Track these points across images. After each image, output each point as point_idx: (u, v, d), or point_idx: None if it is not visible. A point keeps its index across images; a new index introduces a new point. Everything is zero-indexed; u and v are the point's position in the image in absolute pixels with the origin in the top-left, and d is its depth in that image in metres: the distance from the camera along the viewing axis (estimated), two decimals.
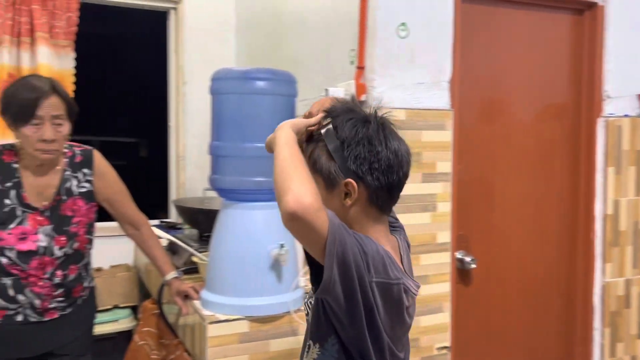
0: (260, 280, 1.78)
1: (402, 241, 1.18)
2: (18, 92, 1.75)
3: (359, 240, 0.98)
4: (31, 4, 2.84)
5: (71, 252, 1.85)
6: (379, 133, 1.06)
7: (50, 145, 1.76)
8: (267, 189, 1.79)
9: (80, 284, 1.92)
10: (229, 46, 3.39)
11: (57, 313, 1.86)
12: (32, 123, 1.73)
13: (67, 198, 1.86)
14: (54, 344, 1.88)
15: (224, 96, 1.79)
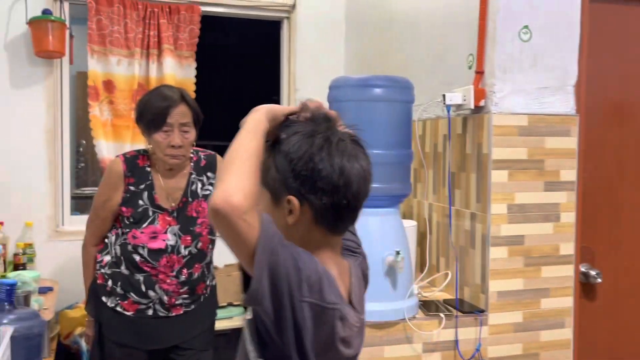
0: (375, 286, 1.76)
1: (357, 268, 1.08)
2: (151, 101, 1.89)
3: (296, 255, 0.90)
4: (159, 19, 3.05)
5: (195, 252, 1.96)
6: (322, 150, 0.95)
7: (178, 151, 1.88)
8: (383, 195, 1.80)
9: (203, 282, 2.02)
10: (339, 53, 3.43)
11: (182, 309, 1.97)
12: (163, 130, 1.86)
13: (193, 200, 1.97)
14: (179, 338, 2.00)
15: (342, 104, 1.82)
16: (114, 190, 1.92)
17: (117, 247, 1.94)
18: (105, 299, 1.94)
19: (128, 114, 3.05)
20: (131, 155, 1.98)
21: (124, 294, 1.92)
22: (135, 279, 1.91)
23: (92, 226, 2.01)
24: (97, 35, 3.00)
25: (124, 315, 1.92)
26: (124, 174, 1.92)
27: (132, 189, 1.92)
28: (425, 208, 2.25)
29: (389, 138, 1.79)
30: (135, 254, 1.90)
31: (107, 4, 2.99)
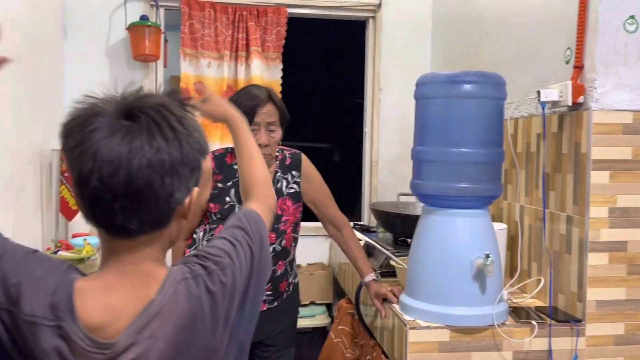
0: (462, 290, 1.72)
1: (183, 293, 0.85)
2: (240, 100, 1.93)
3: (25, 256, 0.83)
4: (247, 22, 3.13)
5: (279, 249, 1.99)
6: (74, 129, 0.82)
7: (264, 150, 1.91)
8: (471, 196, 1.74)
9: (286, 280, 2.04)
10: (425, 51, 3.37)
11: (265, 306, 2.00)
12: (250, 129, 1.89)
13: (278, 198, 1.99)
14: (263, 334, 2.03)
15: (430, 100, 1.77)
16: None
17: (205, 242, 1.99)
18: None
19: None
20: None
21: None
22: None
23: None
24: (190, 39, 3.12)
25: None
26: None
27: (219, 185, 1.97)
28: (516, 210, 2.15)
29: (479, 136, 1.72)
30: None
31: (199, 8, 3.10)
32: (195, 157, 0.87)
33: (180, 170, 0.84)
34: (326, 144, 5.08)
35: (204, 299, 0.86)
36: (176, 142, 0.83)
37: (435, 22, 3.34)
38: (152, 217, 0.84)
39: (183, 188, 0.86)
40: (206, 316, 0.86)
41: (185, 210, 0.89)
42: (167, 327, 0.83)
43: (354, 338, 2.57)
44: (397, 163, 3.36)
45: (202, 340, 0.86)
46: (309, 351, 3.00)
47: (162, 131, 0.81)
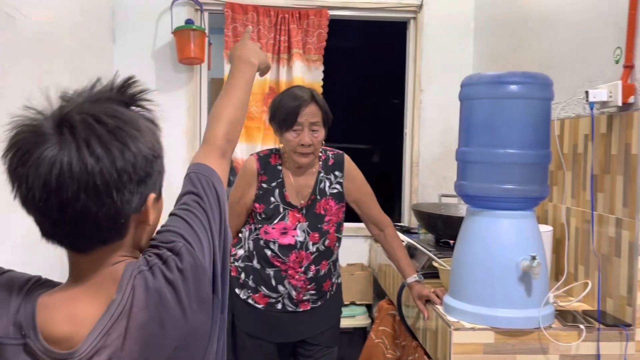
0: (508, 292, 1.71)
1: (139, 305, 0.82)
2: (283, 101, 1.96)
3: None
4: (289, 24, 3.17)
5: (323, 249, 2.01)
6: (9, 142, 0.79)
7: (307, 149, 1.93)
8: (517, 197, 1.73)
9: (329, 279, 2.06)
10: (468, 52, 3.35)
11: (309, 305, 2.03)
12: (293, 129, 1.92)
13: (321, 198, 2.02)
14: (306, 334, 2.06)
15: (475, 101, 1.77)
16: (248, 187, 2.02)
17: (250, 241, 2.03)
18: (238, 291, 2.04)
19: (259, 116, 3.20)
20: (264, 154, 2.07)
21: (256, 287, 2.00)
22: (266, 273, 1.99)
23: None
24: (233, 41, 3.18)
25: (255, 307, 2.01)
26: (258, 172, 2.01)
27: (264, 186, 2.00)
28: (562, 212, 2.12)
29: (525, 137, 1.71)
30: (266, 248, 1.98)
31: (242, 11, 3.16)
32: (141, 163, 0.81)
33: (120, 184, 0.78)
34: (366, 145, 5.08)
35: (164, 289, 0.83)
36: (109, 156, 0.77)
37: (478, 22, 3.31)
38: (98, 237, 0.81)
39: (132, 200, 0.81)
40: (171, 305, 0.83)
41: (142, 217, 0.86)
42: (132, 324, 0.81)
43: (395, 339, 2.57)
44: (438, 164, 3.34)
45: (175, 329, 0.83)
46: (349, 351, 3.02)
47: (90, 148, 0.76)
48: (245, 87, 1.16)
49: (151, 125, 0.86)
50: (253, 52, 1.22)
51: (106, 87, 0.85)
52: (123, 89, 0.85)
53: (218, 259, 0.92)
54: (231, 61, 1.23)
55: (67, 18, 2.30)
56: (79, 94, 0.82)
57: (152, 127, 0.86)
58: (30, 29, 1.82)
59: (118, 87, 0.85)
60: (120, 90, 0.85)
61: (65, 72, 2.25)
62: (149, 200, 0.85)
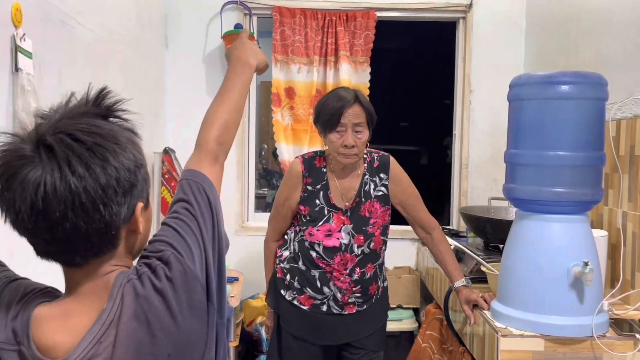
0: (558, 298, 1.66)
1: (129, 310, 0.83)
2: (328, 102, 1.96)
3: None
4: (336, 26, 3.18)
5: (368, 251, 2.00)
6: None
7: (350, 151, 1.93)
8: (568, 201, 1.67)
9: (375, 283, 2.05)
10: (518, 52, 3.27)
11: (355, 308, 2.02)
12: (337, 130, 1.92)
13: (366, 200, 2.00)
14: (351, 337, 2.05)
15: (524, 102, 1.72)
16: (293, 189, 2.04)
17: (296, 243, 2.04)
18: (283, 292, 2.05)
19: (307, 118, 3.22)
20: (309, 156, 2.07)
21: (301, 288, 2.01)
22: (311, 274, 2.00)
23: (273, 223, 2.14)
24: (281, 45, 3.22)
25: (300, 309, 2.02)
26: (302, 174, 2.02)
27: (309, 188, 2.01)
28: (618, 217, 2.04)
29: (577, 139, 1.65)
30: (311, 250, 1.99)
31: (290, 15, 3.19)
32: (125, 175, 0.82)
33: (106, 199, 0.80)
34: (414, 146, 5.04)
35: (152, 298, 0.84)
36: (92, 174, 0.78)
37: (530, 21, 3.22)
38: (91, 250, 0.83)
39: (120, 211, 0.82)
40: (160, 313, 0.83)
41: (133, 226, 0.87)
42: (121, 333, 0.81)
43: (442, 344, 2.54)
44: (488, 166, 3.28)
45: (166, 337, 0.84)
46: (396, 354, 3.00)
47: (72, 167, 0.77)
48: (242, 89, 1.13)
49: (131, 135, 0.86)
50: (251, 52, 1.18)
51: (81, 101, 0.85)
52: (98, 101, 0.85)
53: (212, 266, 0.91)
54: (228, 61, 1.19)
55: (122, 26, 2.38)
56: (55, 111, 0.83)
57: (131, 136, 0.86)
58: (85, 37, 1.89)
59: (93, 100, 0.85)
60: (96, 102, 0.85)
61: (119, 78, 2.34)
62: (137, 209, 0.86)
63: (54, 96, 1.60)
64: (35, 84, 1.37)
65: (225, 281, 0.95)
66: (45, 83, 1.51)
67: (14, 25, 1.31)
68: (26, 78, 1.31)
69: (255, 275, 3.25)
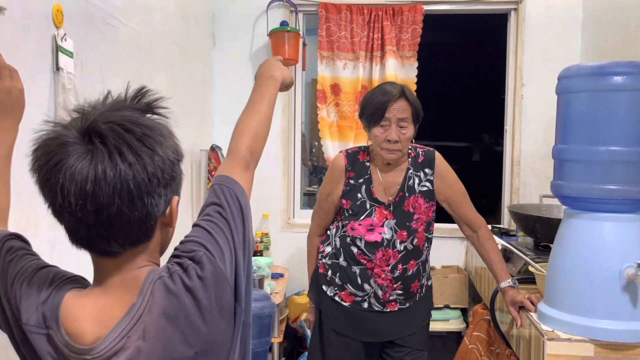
0: (609, 301, 1.57)
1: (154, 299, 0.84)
2: (373, 96, 1.94)
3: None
4: (383, 21, 3.14)
5: (411, 248, 1.96)
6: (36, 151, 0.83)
7: (394, 146, 1.90)
8: (620, 199, 1.58)
9: (418, 280, 2.01)
10: (575, 43, 3.13)
11: (396, 306, 1.99)
12: (381, 124, 1.89)
13: (409, 195, 1.97)
14: (393, 335, 2.02)
15: (574, 95, 1.64)
16: (336, 183, 2.03)
17: (337, 239, 2.03)
18: (325, 288, 2.05)
19: (352, 115, 3.20)
20: (353, 151, 2.06)
21: (342, 284, 2.00)
22: (352, 271, 1.98)
23: (316, 217, 2.14)
24: (326, 41, 3.21)
25: (342, 305, 2.01)
26: (345, 168, 2.01)
27: (352, 182, 2.00)
28: None
29: (631, 133, 1.55)
30: (353, 245, 1.97)
31: (336, 11, 3.17)
32: (168, 168, 0.85)
33: (151, 188, 0.82)
34: (465, 143, 4.92)
35: (183, 296, 0.85)
36: (140, 162, 0.81)
37: (587, 11, 3.07)
38: (130, 238, 0.85)
39: (160, 202, 0.85)
40: (190, 311, 0.85)
41: (167, 219, 0.89)
42: (150, 328, 0.83)
43: (489, 345, 2.46)
44: (541, 163, 3.15)
45: (194, 335, 0.85)
46: (442, 355, 2.93)
47: (122, 156, 0.80)
48: (270, 101, 1.16)
49: (170, 130, 0.89)
50: (276, 67, 1.23)
51: (119, 98, 0.87)
52: (137, 98, 0.88)
53: (241, 268, 0.92)
54: (256, 79, 1.24)
55: (167, 25, 2.43)
56: (94, 107, 0.85)
57: (170, 131, 0.89)
58: (130, 37, 1.94)
59: (132, 97, 0.88)
60: (135, 99, 0.88)
61: (163, 77, 2.38)
62: (174, 202, 0.88)
63: (95, 95, 1.65)
64: (76, 83, 1.42)
65: (251, 284, 0.97)
66: (87, 82, 1.56)
67: (55, 26, 1.35)
68: (67, 77, 1.35)
69: (301, 272, 3.25)
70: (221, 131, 3.30)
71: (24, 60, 1.25)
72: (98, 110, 0.83)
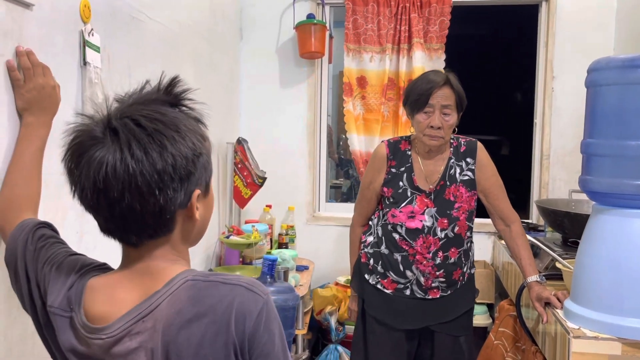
0: (638, 300, 1.54)
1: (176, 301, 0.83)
2: (417, 84, 1.97)
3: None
4: (410, 13, 3.10)
5: (452, 236, 1.98)
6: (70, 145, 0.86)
7: (437, 132, 1.92)
8: None
9: (460, 268, 2.03)
10: (608, 34, 3.04)
11: (438, 293, 2.01)
12: (424, 111, 1.91)
13: (450, 184, 1.99)
14: (433, 321, 2.04)
15: (603, 88, 1.60)
16: (377, 172, 2.06)
17: (379, 227, 2.06)
18: (367, 276, 2.08)
19: (378, 108, 3.18)
20: (394, 140, 2.11)
21: (384, 272, 2.03)
22: (394, 258, 2.01)
23: (358, 207, 2.18)
24: (353, 34, 3.19)
25: (384, 292, 2.04)
26: (387, 157, 2.04)
27: (393, 171, 2.03)
28: None
29: None
30: (394, 232, 2.00)
31: (363, 3, 3.15)
32: (182, 163, 0.84)
33: (162, 184, 0.82)
34: (494, 136, 4.84)
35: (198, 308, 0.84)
36: (149, 158, 0.81)
37: (622, 1, 2.99)
38: (146, 231, 0.86)
39: (175, 197, 0.85)
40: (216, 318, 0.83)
41: (189, 212, 0.89)
42: (165, 319, 0.83)
43: (516, 342, 2.43)
44: (571, 157, 3.09)
45: (211, 343, 0.82)
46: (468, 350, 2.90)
47: (131, 151, 0.81)
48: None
49: (193, 124, 0.89)
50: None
51: (154, 88, 0.89)
52: (169, 88, 0.88)
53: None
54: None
55: (194, 19, 2.45)
56: (130, 96, 0.87)
57: (194, 125, 0.89)
58: (157, 31, 1.96)
59: (164, 87, 0.88)
60: (167, 90, 0.88)
61: (190, 71, 2.41)
62: (194, 196, 0.88)
63: (122, 88, 1.68)
64: (102, 77, 1.44)
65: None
66: (114, 76, 1.59)
67: (83, 21, 1.38)
68: (94, 71, 1.38)
69: (325, 265, 3.27)
70: (248, 124, 3.32)
71: (52, 56, 1.27)
72: (127, 102, 0.85)
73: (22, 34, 1.17)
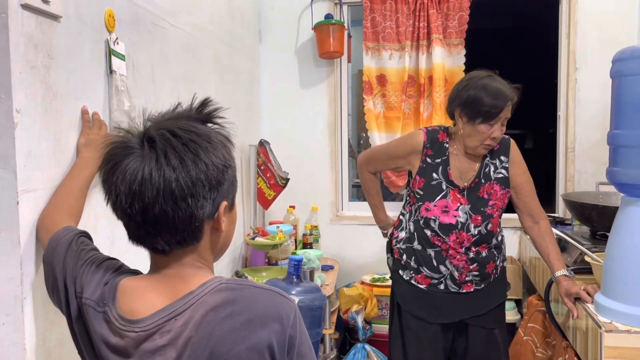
0: None
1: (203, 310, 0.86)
2: (487, 94, 1.88)
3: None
4: (428, 9, 3.09)
5: (485, 232, 1.99)
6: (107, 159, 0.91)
7: (494, 142, 1.94)
8: None
9: (493, 262, 2.03)
10: (632, 24, 2.99)
11: (472, 287, 2.02)
12: (490, 123, 1.90)
13: (485, 182, 1.99)
14: (468, 314, 2.05)
15: (629, 78, 1.58)
16: (410, 153, 2.05)
17: (411, 223, 2.07)
18: (401, 272, 2.09)
19: (399, 105, 3.17)
20: (433, 129, 2.08)
21: (417, 268, 2.04)
22: (427, 253, 2.02)
23: (373, 161, 2.23)
24: (371, 32, 3.19)
25: (418, 288, 2.05)
26: (424, 145, 2.03)
27: (428, 160, 2.03)
28: None
29: None
30: (426, 228, 2.01)
31: (380, 1, 3.15)
32: (214, 172, 0.89)
33: (194, 191, 0.87)
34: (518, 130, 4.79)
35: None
36: (184, 166, 0.86)
37: None
38: (175, 237, 0.89)
39: (205, 205, 0.89)
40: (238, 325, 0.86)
41: (216, 223, 0.93)
42: (194, 320, 0.86)
43: (545, 337, 2.41)
44: (597, 149, 3.05)
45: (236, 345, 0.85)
46: None
47: (168, 159, 0.85)
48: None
49: (223, 139, 0.94)
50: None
51: (187, 108, 0.94)
52: (201, 108, 0.94)
53: None
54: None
55: (215, 24, 2.47)
56: (163, 115, 0.93)
57: (224, 140, 0.94)
58: (179, 37, 1.99)
59: (196, 107, 0.94)
60: (198, 109, 0.94)
61: (212, 75, 2.43)
62: (221, 207, 0.92)
63: (147, 94, 1.72)
64: (128, 84, 1.47)
65: None
66: (139, 83, 1.61)
67: (108, 31, 1.41)
68: (120, 79, 1.40)
69: (350, 264, 3.28)
70: (269, 126, 3.34)
71: (80, 65, 1.30)
72: (162, 119, 0.91)
73: (51, 45, 1.20)
